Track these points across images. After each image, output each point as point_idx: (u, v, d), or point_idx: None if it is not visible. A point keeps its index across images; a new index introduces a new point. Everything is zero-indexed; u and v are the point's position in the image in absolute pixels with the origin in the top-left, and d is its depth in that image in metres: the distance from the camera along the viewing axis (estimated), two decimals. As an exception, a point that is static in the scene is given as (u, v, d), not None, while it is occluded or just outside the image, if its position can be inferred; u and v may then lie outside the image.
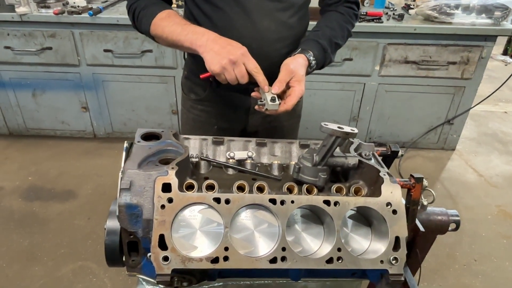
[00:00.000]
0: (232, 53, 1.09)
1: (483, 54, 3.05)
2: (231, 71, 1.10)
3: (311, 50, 1.25)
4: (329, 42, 1.31)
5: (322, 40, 1.29)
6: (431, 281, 2.28)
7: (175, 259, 0.82)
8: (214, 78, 1.17)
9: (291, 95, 1.16)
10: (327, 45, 1.30)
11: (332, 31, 1.34)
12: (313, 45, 1.27)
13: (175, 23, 1.20)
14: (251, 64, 1.11)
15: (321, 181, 0.97)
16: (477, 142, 3.84)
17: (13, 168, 3.15)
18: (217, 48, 1.10)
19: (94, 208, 2.72)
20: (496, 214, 2.85)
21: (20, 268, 2.25)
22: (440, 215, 1.11)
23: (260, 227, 0.89)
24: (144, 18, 1.26)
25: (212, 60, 1.10)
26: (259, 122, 1.51)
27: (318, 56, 1.27)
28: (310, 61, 1.24)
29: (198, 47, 1.13)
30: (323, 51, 1.29)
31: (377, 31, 2.96)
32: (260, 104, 1.18)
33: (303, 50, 1.25)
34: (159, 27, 1.23)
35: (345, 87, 3.25)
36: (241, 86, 1.30)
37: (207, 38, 1.13)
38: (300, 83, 1.17)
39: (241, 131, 1.54)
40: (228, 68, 1.09)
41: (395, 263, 0.88)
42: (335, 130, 0.92)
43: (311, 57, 1.24)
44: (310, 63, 1.24)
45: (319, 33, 1.32)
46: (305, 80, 1.20)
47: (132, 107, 3.40)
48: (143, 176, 0.88)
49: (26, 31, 3.01)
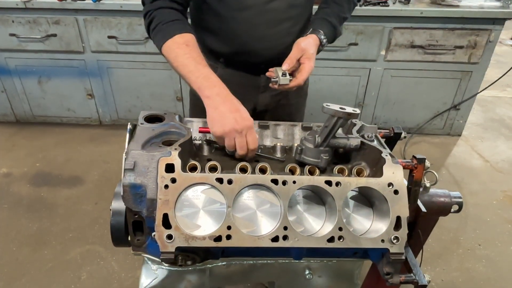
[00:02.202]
0: (239, 123, 1.01)
1: (491, 38, 3.00)
2: (231, 139, 1.02)
3: (322, 29, 1.33)
4: (337, 18, 1.38)
5: (331, 17, 1.37)
6: (434, 265, 2.29)
7: (179, 238, 0.84)
8: None
9: (302, 71, 1.25)
10: (336, 22, 1.37)
11: (339, 6, 1.41)
12: (324, 24, 1.35)
13: (191, 57, 1.12)
14: (252, 140, 1.03)
15: (323, 162, 0.97)
16: (483, 127, 3.81)
17: (20, 155, 3.19)
18: (224, 111, 1.02)
19: (101, 194, 2.76)
20: (502, 199, 2.84)
21: (29, 251, 2.30)
22: (443, 196, 1.11)
23: (263, 207, 0.90)
24: (159, 34, 1.18)
25: (215, 121, 1.03)
26: (268, 100, 1.56)
27: (328, 34, 1.35)
28: (321, 40, 1.32)
29: (205, 98, 1.06)
30: (333, 28, 1.37)
31: (383, 15, 2.92)
32: (273, 81, 1.27)
33: (314, 30, 1.33)
34: (172, 52, 1.15)
35: (350, 72, 3.22)
36: (251, 66, 1.38)
37: (217, 93, 1.05)
38: (310, 60, 1.26)
39: (252, 111, 1.56)
40: (230, 136, 1.01)
41: (396, 242, 0.89)
42: (337, 110, 0.93)
43: (322, 36, 1.32)
44: (322, 41, 1.33)
45: (328, 10, 1.39)
46: (315, 57, 1.29)
47: (137, 94, 3.41)
48: (146, 156, 0.89)
49: (31, 18, 3.01)
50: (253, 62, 1.43)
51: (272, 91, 1.52)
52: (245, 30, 1.33)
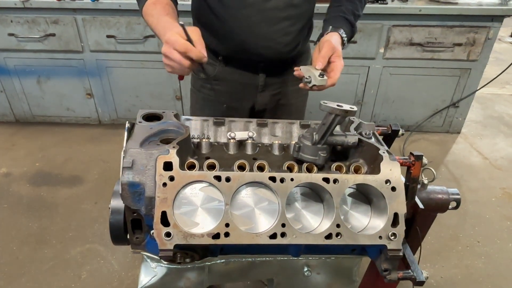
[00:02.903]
0: (164, 48, 1.01)
1: (489, 35, 3.00)
2: (168, 65, 1.03)
3: (342, 27, 1.29)
4: (353, 15, 1.36)
5: (348, 15, 1.34)
6: (434, 262, 2.30)
7: (177, 235, 0.84)
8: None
9: (334, 70, 1.18)
10: (353, 20, 1.34)
11: (352, 3, 1.38)
12: (343, 22, 1.32)
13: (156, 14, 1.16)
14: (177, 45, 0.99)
15: (321, 159, 0.98)
16: (482, 125, 3.81)
17: (20, 155, 3.20)
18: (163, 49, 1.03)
19: (101, 193, 2.77)
20: (501, 197, 2.85)
21: (29, 250, 2.30)
22: (441, 193, 1.12)
23: (261, 204, 0.90)
24: (140, 3, 1.25)
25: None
26: (267, 100, 1.54)
27: (348, 32, 1.31)
28: (343, 38, 1.28)
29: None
30: (351, 26, 1.34)
31: (381, 13, 2.92)
32: (306, 82, 1.16)
33: (335, 28, 1.28)
34: (146, 14, 1.21)
35: (349, 70, 3.22)
36: (250, 64, 1.34)
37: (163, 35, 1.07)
38: (340, 58, 1.20)
39: (250, 110, 1.56)
40: (167, 64, 1.03)
41: (393, 238, 0.89)
42: (334, 108, 0.93)
43: (343, 34, 1.28)
44: (343, 39, 1.28)
45: (343, 8, 1.35)
46: (342, 55, 1.22)
47: (136, 93, 3.42)
48: (144, 155, 0.90)
49: (29, 17, 3.01)
50: (252, 61, 1.42)
51: (271, 90, 1.52)
52: (243, 28, 1.33)
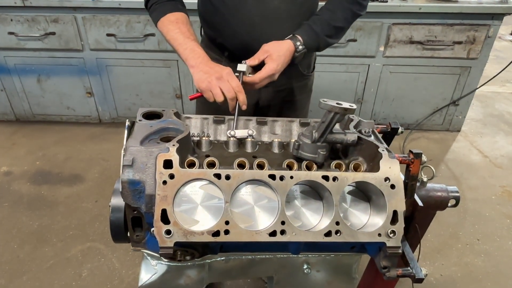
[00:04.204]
0: (219, 71, 1.17)
1: (489, 33, 3.00)
2: (216, 87, 1.15)
3: (301, 36, 1.31)
4: (326, 26, 1.35)
5: (316, 25, 1.34)
6: (433, 260, 2.30)
7: (177, 233, 0.84)
8: (203, 98, 1.22)
9: (262, 70, 1.25)
10: (320, 30, 1.33)
11: (332, 14, 1.37)
12: (306, 31, 1.33)
13: (180, 32, 1.29)
14: (235, 82, 1.16)
15: (321, 157, 0.98)
16: (482, 123, 3.81)
17: (21, 153, 3.20)
18: (206, 69, 1.18)
19: (101, 191, 2.77)
20: (501, 195, 2.85)
21: (30, 249, 2.31)
22: (440, 191, 1.12)
23: (260, 202, 0.91)
24: (155, 12, 1.36)
25: (200, 78, 1.18)
26: (271, 96, 1.55)
27: (308, 41, 1.32)
28: (296, 46, 1.30)
29: (190, 67, 1.23)
30: (315, 35, 1.34)
31: (381, 11, 2.92)
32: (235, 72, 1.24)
33: (293, 36, 1.31)
34: (165, 27, 1.32)
35: (349, 68, 3.23)
36: None
37: (200, 61, 1.21)
38: (273, 61, 1.24)
39: (254, 106, 1.56)
40: (214, 85, 1.15)
41: (392, 236, 0.89)
42: (334, 106, 0.93)
43: (297, 42, 1.30)
44: (297, 48, 1.30)
45: (316, 18, 1.37)
46: (283, 61, 1.27)
47: (136, 92, 3.42)
48: (144, 153, 0.90)
49: (29, 16, 3.01)
50: None
51: (275, 87, 1.52)
52: (244, 27, 1.35)
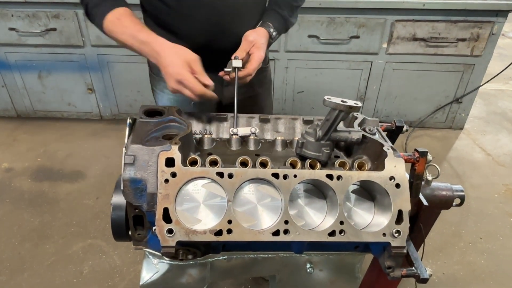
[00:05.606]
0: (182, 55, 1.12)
1: (494, 30, 2.98)
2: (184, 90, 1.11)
3: (272, 22, 1.35)
4: (289, 8, 1.39)
5: (282, 9, 1.37)
6: (436, 259, 2.30)
7: (179, 232, 0.83)
8: None
9: (251, 61, 1.25)
10: (287, 13, 1.38)
11: None
12: (274, 17, 1.37)
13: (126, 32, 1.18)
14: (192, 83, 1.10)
15: (324, 156, 0.97)
16: (485, 121, 3.79)
17: (22, 150, 3.19)
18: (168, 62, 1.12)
19: (102, 188, 2.77)
20: (503, 193, 2.84)
21: (31, 246, 2.30)
22: (445, 190, 1.11)
23: (263, 201, 0.90)
24: (96, 19, 1.22)
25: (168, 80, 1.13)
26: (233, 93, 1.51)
27: (279, 26, 1.37)
28: (270, 33, 1.34)
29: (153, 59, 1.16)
30: (283, 20, 1.38)
31: (384, 7, 2.89)
32: (226, 71, 1.25)
33: (264, 23, 1.34)
34: (112, 33, 1.20)
35: (351, 65, 3.21)
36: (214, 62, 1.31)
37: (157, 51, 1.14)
38: (259, 49, 1.26)
39: (217, 105, 1.53)
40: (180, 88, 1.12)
41: (397, 236, 0.88)
42: (338, 103, 0.92)
43: (271, 29, 1.34)
44: (271, 35, 1.34)
45: (279, 1, 1.39)
46: (265, 48, 1.30)
47: (137, 88, 3.40)
48: (146, 151, 0.89)
49: (30, 12, 2.99)
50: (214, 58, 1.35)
51: None
52: (204, 27, 1.32)
